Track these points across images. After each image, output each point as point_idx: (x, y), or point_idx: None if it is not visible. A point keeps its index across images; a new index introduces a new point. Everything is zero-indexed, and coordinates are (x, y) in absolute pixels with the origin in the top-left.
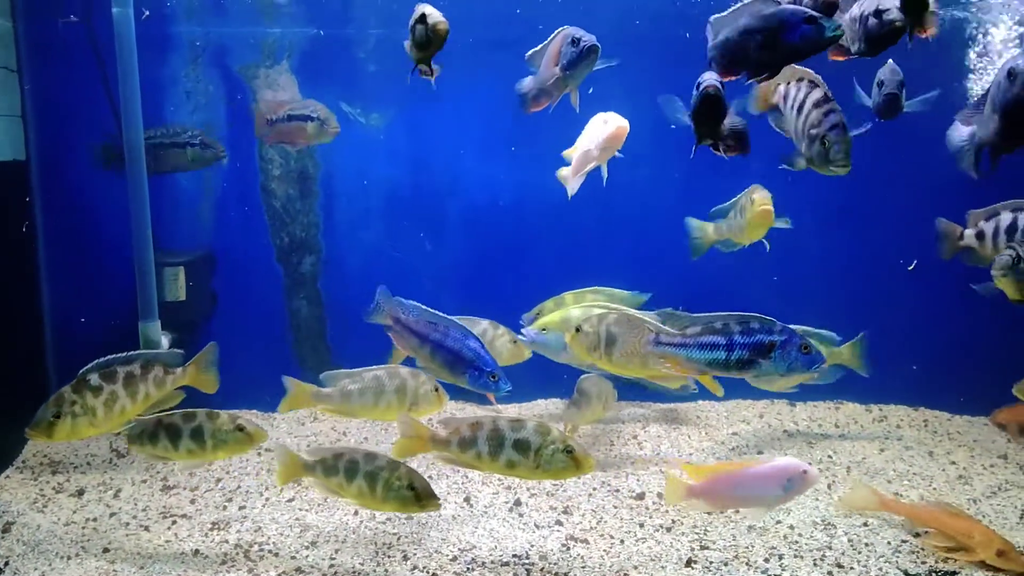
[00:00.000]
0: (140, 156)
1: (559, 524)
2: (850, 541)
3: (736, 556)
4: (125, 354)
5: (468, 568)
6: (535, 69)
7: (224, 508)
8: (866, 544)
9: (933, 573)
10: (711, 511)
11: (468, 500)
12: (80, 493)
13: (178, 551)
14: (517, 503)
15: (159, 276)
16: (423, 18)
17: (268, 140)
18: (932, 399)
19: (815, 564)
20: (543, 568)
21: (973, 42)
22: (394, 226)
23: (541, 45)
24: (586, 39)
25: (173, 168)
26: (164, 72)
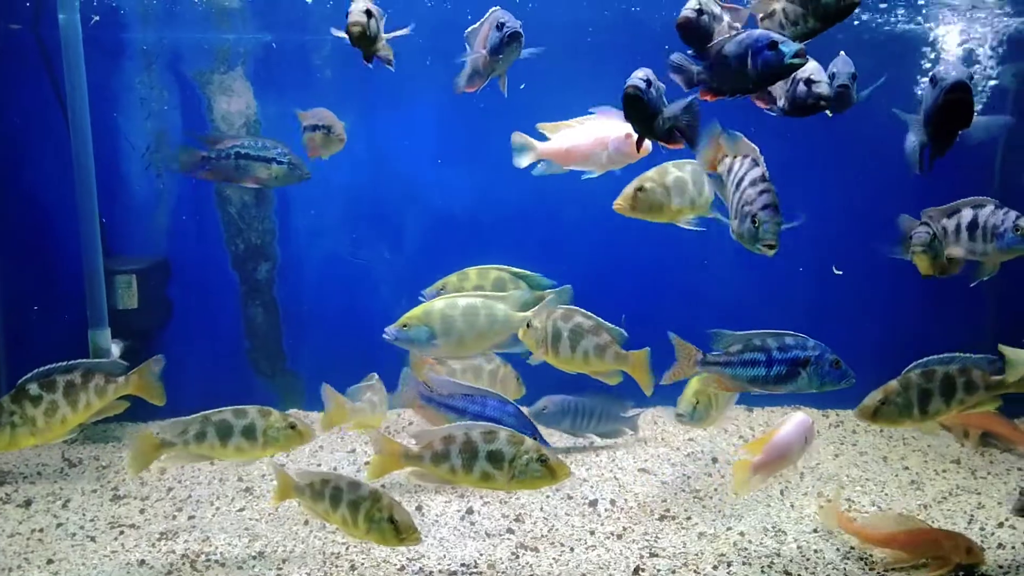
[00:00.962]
0: (88, 162)
1: (510, 532)
2: (799, 548)
3: (685, 563)
4: (65, 363)
5: None
6: (469, 48)
7: (173, 518)
8: (815, 551)
9: None
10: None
11: (420, 509)
12: (28, 503)
13: (124, 561)
14: (469, 511)
15: (111, 283)
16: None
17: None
18: None
19: (763, 571)
20: None
21: (923, 52)
22: (351, 233)
23: (479, 23)
24: (510, 25)
25: (255, 181)
26: (118, 78)
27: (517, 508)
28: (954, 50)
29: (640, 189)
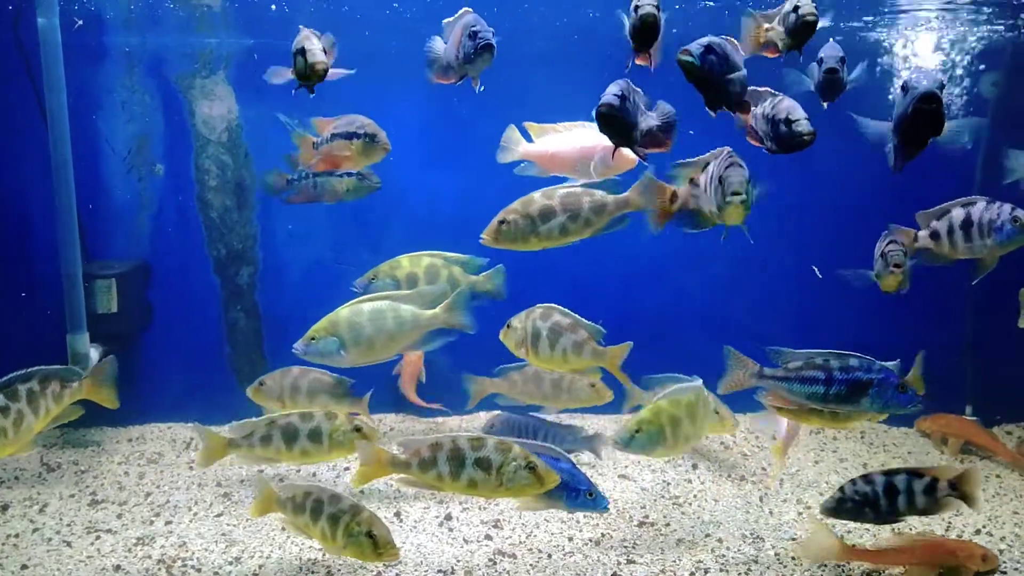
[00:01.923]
0: (67, 165)
1: (488, 538)
2: (776, 555)
3: (663, 570)
4: (23, 371)
5: None
6: (446, 38)
7: (151, 523)
8: (792, 558)
9: None
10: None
11: (398, 515)
12: (4, 508)
13: (99, 567)
14: (448, 517)
15: (91, 288)
16: (303, 52)
17: (316, 166)
18: None
19: None
20: None
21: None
22: (334, 238)
23: (455, 16)
24: (482, 36)
25: (332, 197)
26: (99, 82)
27: (496, 514)
28: (928, 58)
29: (503, 222)
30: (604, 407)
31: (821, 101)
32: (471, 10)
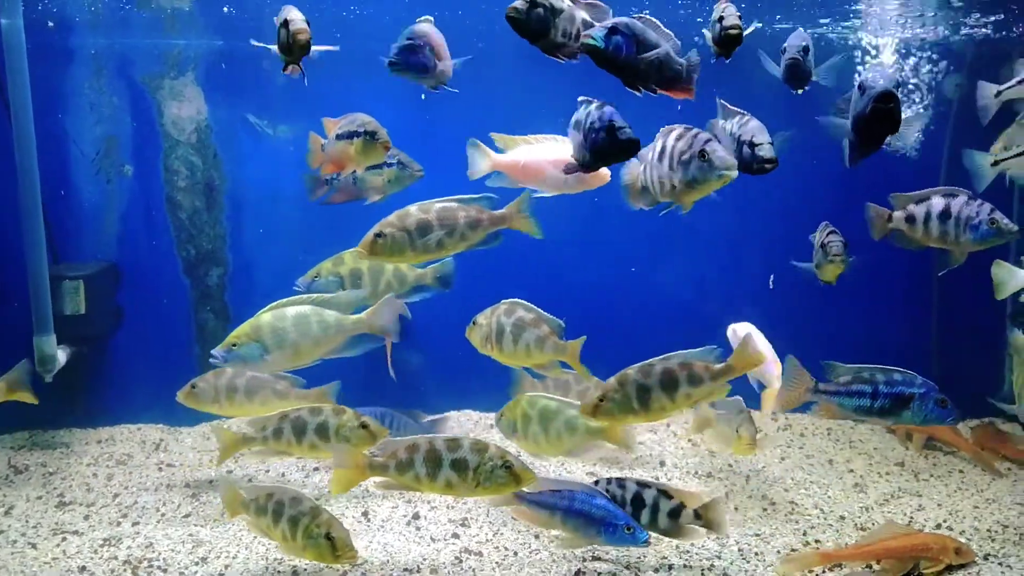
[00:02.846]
0: (32, 167)
1: (456, 537)
2: (740, 551)
3: (627, 566)
4: None
5: None
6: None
7: (118, 524)
8: (756, 553)
9: None
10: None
11: (366, 515)
12: None
13: (64, 568)
14: (416, 516)
15: (59, 289)
16: (286, 23)
17: (325, 169)
18: None
19: (703, 573)
20: None
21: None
22: (304, 238)
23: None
24: (393, 56)
25: (375, 192)
26: (67, 83)
27: (464, 512)
28: (888, 61)
29: (379, 235)
30: None
31: (791, 89)
32: (419, 25)
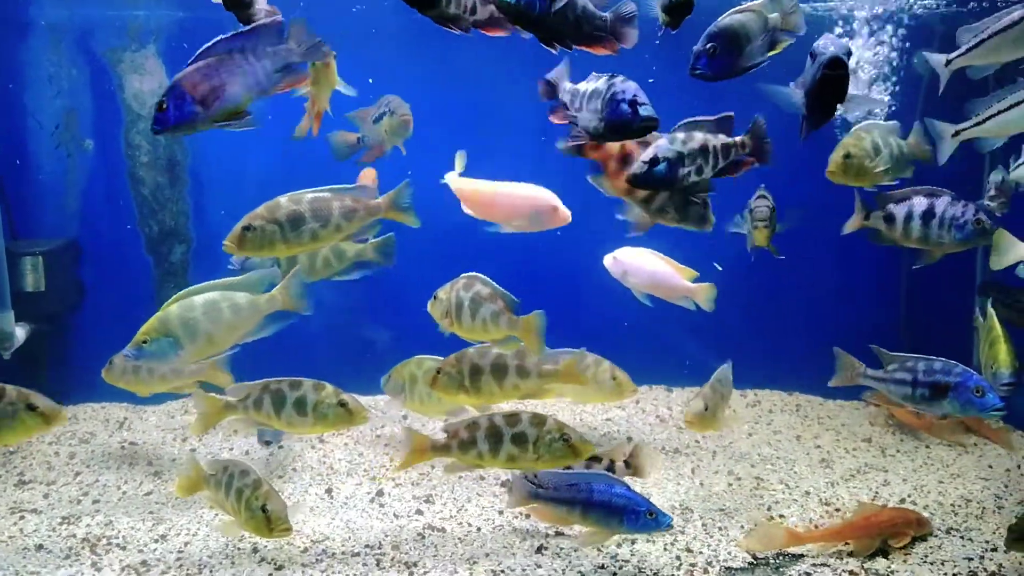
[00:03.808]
0: None
1: (419, 513)
2: (704, 526)
3: None
4: None
5: (317, 559)
6: None
7: (78, 502)
8: (719, 528)
9: (779, 556)
10: None
11: (329, 492)
12: None
13: (20, 546)
14: (380, 493)
15: (17, 265)
16: None
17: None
18: (807, 384)
19: (665, 549)
20: (394, 558)
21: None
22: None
23: None
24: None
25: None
26: (24, 56)
27: (428, 489)
28: (857, 36)
29: (247, 228)
30: None
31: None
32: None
